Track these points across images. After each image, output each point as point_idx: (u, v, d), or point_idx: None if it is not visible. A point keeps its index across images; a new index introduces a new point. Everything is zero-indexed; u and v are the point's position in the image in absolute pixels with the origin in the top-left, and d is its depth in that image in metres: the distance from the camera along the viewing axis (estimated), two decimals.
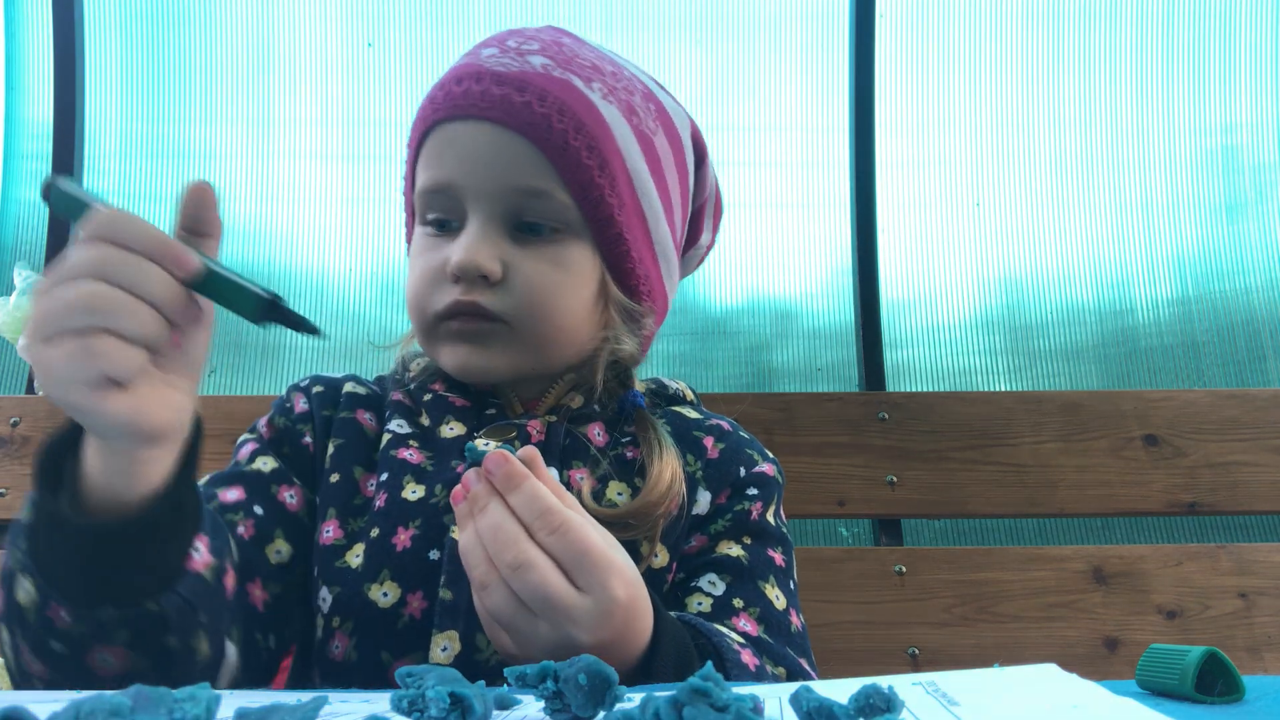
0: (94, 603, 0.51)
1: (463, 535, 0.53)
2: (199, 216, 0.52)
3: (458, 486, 0.54)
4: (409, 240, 0.84)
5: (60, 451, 0.53)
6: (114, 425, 0.48)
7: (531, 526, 0.51)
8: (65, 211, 0.52)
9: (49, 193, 0.54)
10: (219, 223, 0.52)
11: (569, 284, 0.74)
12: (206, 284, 0.50)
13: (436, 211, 0.75)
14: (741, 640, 0.67)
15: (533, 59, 0.73)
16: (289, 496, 0.74)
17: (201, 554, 0.56)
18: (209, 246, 0.52)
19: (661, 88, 0.84)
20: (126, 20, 1.83)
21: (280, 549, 0.72)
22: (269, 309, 0.51)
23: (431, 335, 0.76)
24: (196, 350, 0.53)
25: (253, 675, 0.65)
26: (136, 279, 0.47)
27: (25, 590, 0.52)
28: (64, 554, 0.51)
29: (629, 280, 0.79)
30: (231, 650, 0.60)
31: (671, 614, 0.61)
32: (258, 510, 0.72)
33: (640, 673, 0.55)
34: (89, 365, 0.46)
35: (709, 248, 0.95)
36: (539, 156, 0.71)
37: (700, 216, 0.90)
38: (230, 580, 0.60)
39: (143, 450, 0.51)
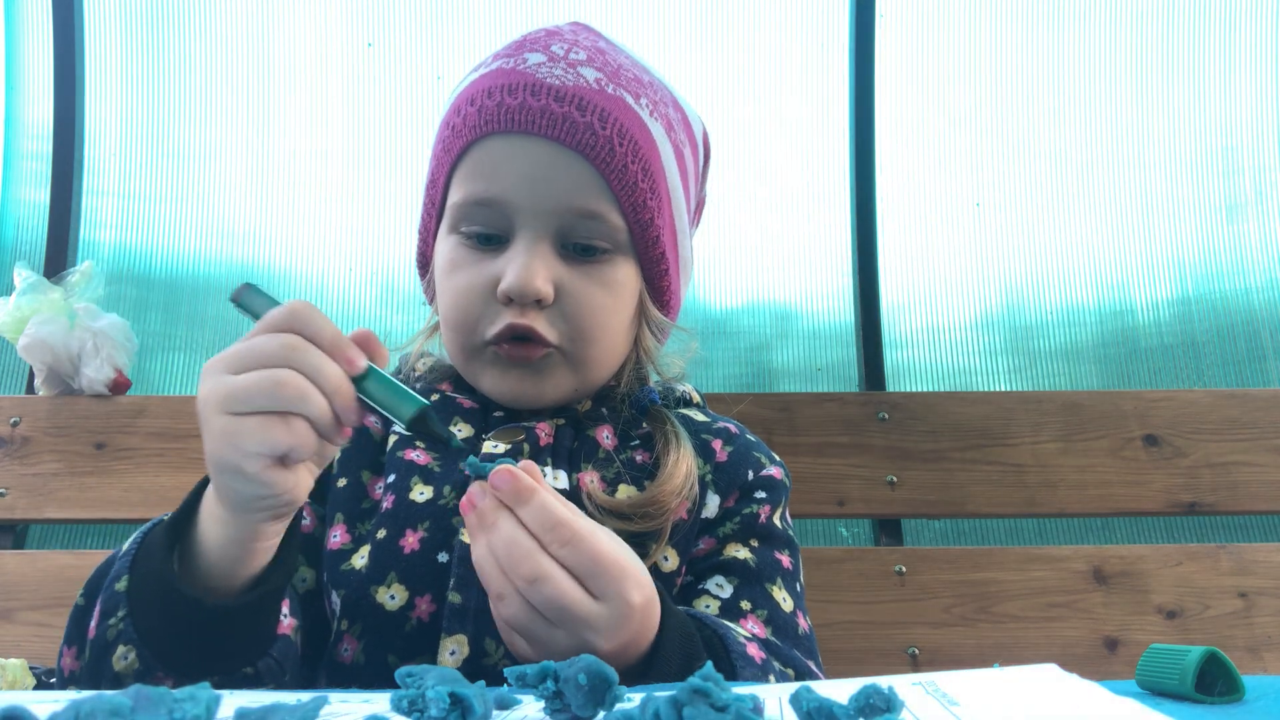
0: (201, 672, 0.54)
1: (475, 548, 0.53)
2: (365, 350, 0.54)
3: (465, 498, 0.54)
4: (426, 244, 0.83)
5: (171, 536, 0.56)
6: (272, 496, 0.52)
7: (543, 540, 0.51)
8: (253, 311, 0.57)
9: (240, 296, 0.58)
10: (384, 354, 0.56)
11: (616, 306, 0.75)
12: (368, 384, 0.53)
13: (479, 224, 0.73)
14: (748, 635, 0.67)
15: (584, 71, 0.72)
16: (303, 518, 0.74)
17: (287, 617, 0.61)
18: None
19: (674, 89, 0.84)
20: (126, 20, 1.83)
21: (304, 575, 0.73)
22: (421, 416, 0.53)
23: (476, 357, 0.75)
24: (328, 450, 0.55)
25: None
26: (318, 370, 0.51)
27: (125, 659, 0.55)
28: (177, 628, 0.54)
29: (663, 296, 0.80)
30: None
31: (680, 609, 0.62)
32: None
33: (646, 661, 0.55)
34: (280, 440, 0.50)
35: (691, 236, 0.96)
36: (599, 179, 0.71)
37: (696, 213, 0.90)
38: (298, 635, 0.64)
39: (273, 525, 0.55)
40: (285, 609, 0.61)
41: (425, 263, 0.83)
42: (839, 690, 0.38)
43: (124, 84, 1.83)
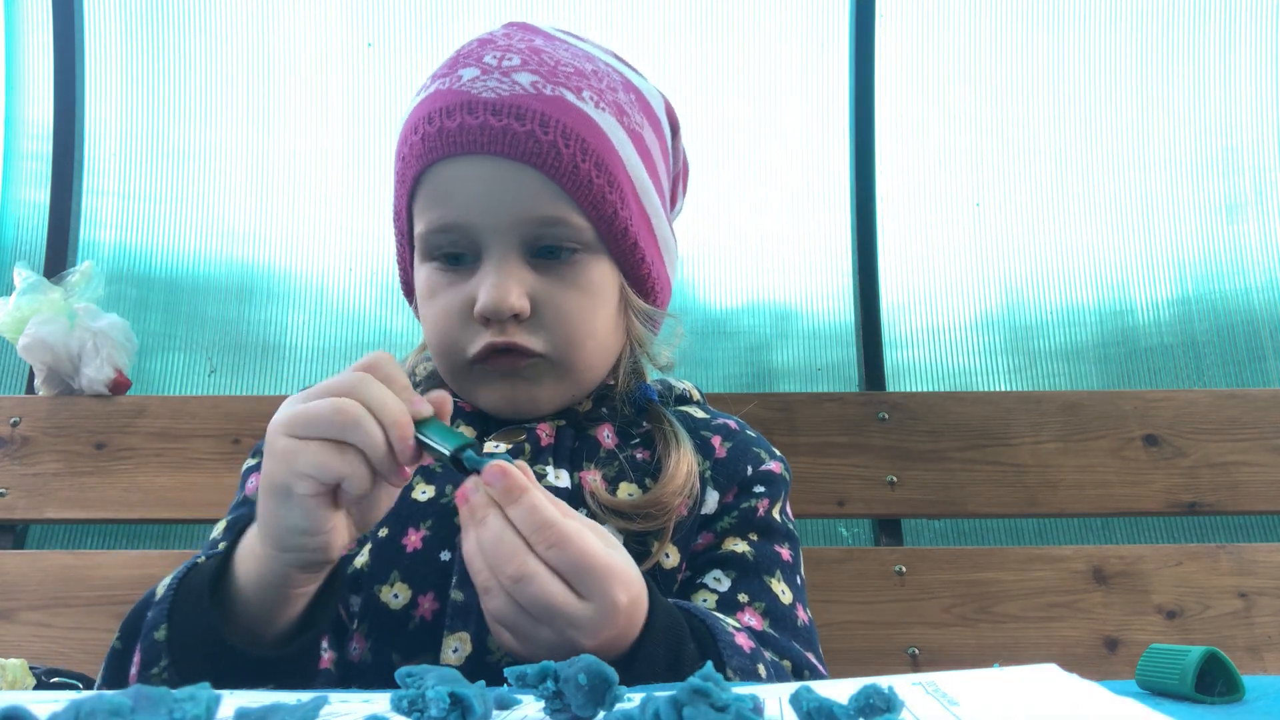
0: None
1: (466, 542, 0.54)
2: (438, 409, 0.57)
3: (460, 490, 0.55)
4: (407, 273, 0.83)
5: (208, 581, 0.57)
6: (310, 534, 0.54)
7: (530, 540, 0.52)
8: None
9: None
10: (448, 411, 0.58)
11: (595, 305, 0.74)
12: (426, 429, 0.55)
13: (448, 249, 0.73)
14: (737, 625, 0.66)
15: (519, 77, 0.71)
16: None
17: (326, 651, 0.62)
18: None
19: (630, 67, 0.83)
20: (126, 20, 1.83)
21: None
22: (464, 449, 0.55)
23: (465, 377, 0.75)
24: (378, 508, 0.58)
25: None
26: (381, 403, 0.53)
27: None
28: (222, 676, 0.54)
29: (644, 284, 0.79)
30: None
31: (669, 600, 0.62)
32: None
33: (631, 652, 0.55)
34: (333, 466, 0.52)
35: (680, 210, 0.95)
36: (551, 185, 0.70)
37: (675, 185, 0.89)
38: (337, 667, 0.65)
39: (304, 574, 0.56)
40: (325, 643, 0.62)
41: (410, 290, 0.84)
42: (839, 690, 0.38)
43: (124, 84, 1.83)
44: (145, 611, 0.60)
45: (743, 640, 0.63)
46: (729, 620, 0.66)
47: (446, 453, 0.54)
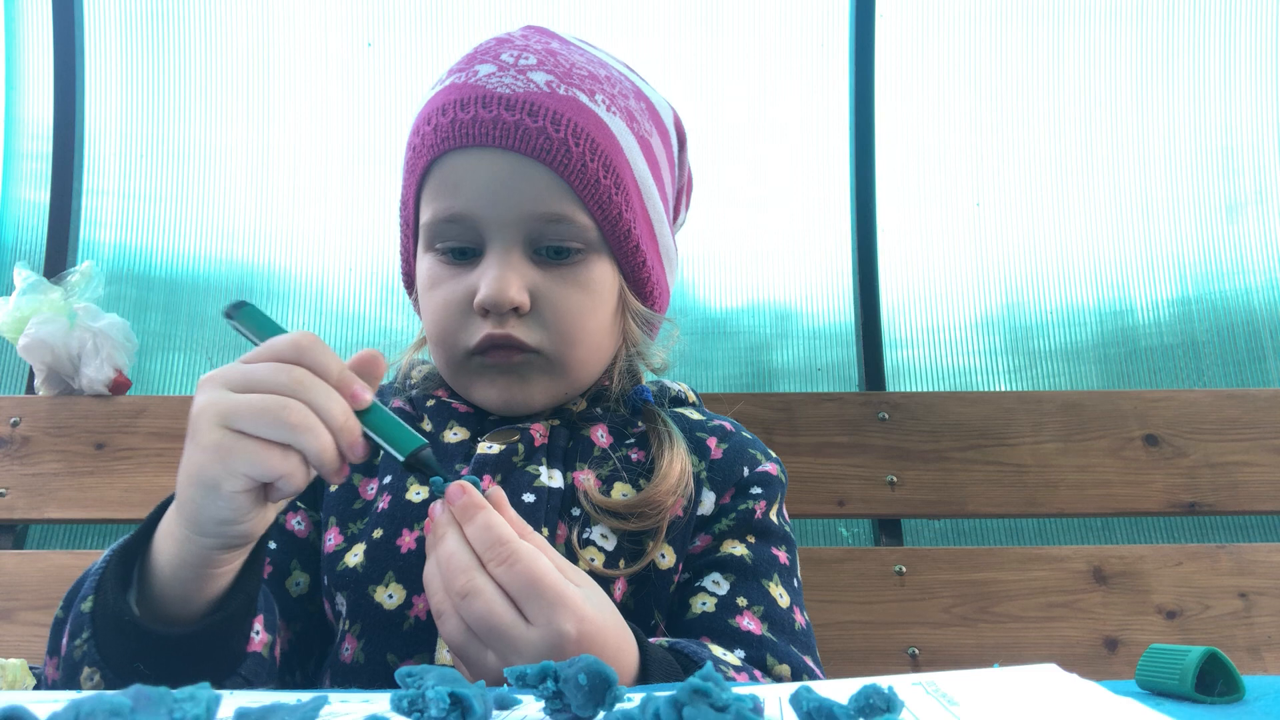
0: None
1: (427, 564, 0.54)
2: (368, 374, 0.55)
3: (429, 516, 0.55)
4: (409, 263, 0.84)
5: (132, 553, 0.55)
6: (233, 523, 0.51)
7: (484, 557, 0.51)
8: (251, 331, 0.57)
9: (236, 314, 0.57)
10: (384, 368, 0.57)
11: (594, 305, 0.75)
12: (371, 418, 0.53)
13: (451, 240, 0.74)
14: (738, 664, 0.67)
15: (535, 75, 0.72)
16: (296, 523, 0.75)
17: (259, 634, 0.59)
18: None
19: (642, 78, 0.83)
20: (126, 20, 1.83)
21: (299, 580, 0.73)
22: (419, 452, 0.54)
23: (462, 370, 0.75)
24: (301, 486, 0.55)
25: None
26: (325, 408, 0.51)
27: (92, 681, 0.54)
28: (135, 653, 0.53)
29: (644, 288, 0.80)
30: None
31: (662, 641, 0.61)
32: (272, 545, 0.73)
33: None
34: (275, 467, 0.50)
35: (683, 223, 0.95)
36: (559, 182, 0.71)
37: (679, 198, 0.90)
38: (278, 648, 0.63)
39: (225, 554, 0.54)
40: (259, 625, 0.60)
41: (411, 281, 0.84)
42: (839, 690, 0.38)
43: (124, 84, 1.83)
44: (84, 584, 0.59)
45: (743, 683, 0.63)
46: (729, 658, 0.66)
47: (401, 458, 0.53)
